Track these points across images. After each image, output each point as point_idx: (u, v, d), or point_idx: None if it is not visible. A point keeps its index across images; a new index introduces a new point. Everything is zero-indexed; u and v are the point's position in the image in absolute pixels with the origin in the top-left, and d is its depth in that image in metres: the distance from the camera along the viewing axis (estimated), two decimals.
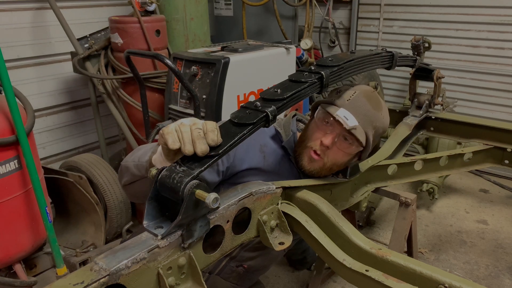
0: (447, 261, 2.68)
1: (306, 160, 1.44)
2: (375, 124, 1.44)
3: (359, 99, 1.41)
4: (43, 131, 2.97)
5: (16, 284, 1.94)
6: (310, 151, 1.42)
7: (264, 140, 1.53)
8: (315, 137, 1.42)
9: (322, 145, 1.40)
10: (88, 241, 2.50)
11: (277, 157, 1.52)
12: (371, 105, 1.42)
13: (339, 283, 2.48)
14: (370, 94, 1.45)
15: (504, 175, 3.75)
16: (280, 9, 3.42)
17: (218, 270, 1.65)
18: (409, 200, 1.76)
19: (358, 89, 1.45)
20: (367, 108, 1.41)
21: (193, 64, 2.28)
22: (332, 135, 1.39)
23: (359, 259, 1.13)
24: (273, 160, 1.50)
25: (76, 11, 2.96)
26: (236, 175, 1.44)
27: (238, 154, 1.42)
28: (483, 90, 3.72)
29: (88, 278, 0.81)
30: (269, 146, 1.52)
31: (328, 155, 1.42)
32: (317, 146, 1.41)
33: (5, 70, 1.77)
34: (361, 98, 1.42)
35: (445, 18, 3.74)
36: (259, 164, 1.46)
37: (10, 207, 1.93)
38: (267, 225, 1.20)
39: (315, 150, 1.41)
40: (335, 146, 1.40)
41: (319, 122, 1.44)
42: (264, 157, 1.48)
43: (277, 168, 1.50)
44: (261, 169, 1.46)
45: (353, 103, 1.40)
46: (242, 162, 1.43)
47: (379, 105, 1.46)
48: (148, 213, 0.97)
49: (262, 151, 1.49)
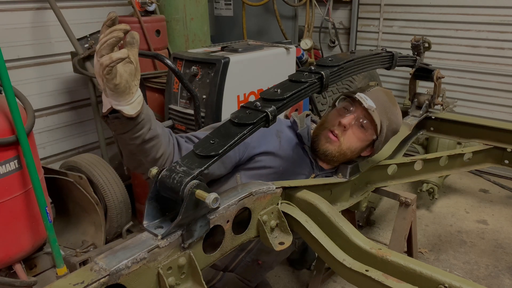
0: (447, 261, 2.68)
1: (323, 140, 1.53)
2: (389, 116, 1.55)
3: (377, 91, 1.57)
4: (43, 131, 2.97)
5: (16, 284, 1.94)
6: (328, 132, 1.52)
7: (281, 127, 1.62)
8: (334, 120, 1.54)
9: (340, 124, 1.49)
10: (88, 241, 2.50)
11: (292, 144, 1.60)
12: (388, 99, 1.57)
13: (339, 283, 2.48)
14: (388, 91, 1.63)
15: (504, 175, 3.75)
16: (280, 9, 3.42)
17: (234, 265, 1.67)
18: (409, 200, 1.76)
19: (378, 87, 1.62)
20: (385, 99, 1.55)
21: (193, 64, 2.28)
22: (351, 116, 1.50)
23: (359, 259, 1.13)
24: (287, 146, 1.57)
25: (76, 11, 2.96)
26: (252, 159, 1.50)
27: (255, 138, 1.49)
28: (483, 90, 3.72)
29: (88, 278, 0.81)
30: (285, 133, 1.61)
31: (344, 137, 1.50)
32: (335, 127, 1.51)
33: (5, 70, 1.77)
34: (380, 91, 1.58)
35: (445, 18, 3.74)
36: (274, 149, 1.53)
37: (10, 207, 1.93)
38: (267, 225, 1.20)
39: (333, 131, 1.51)
40: (351, 129, 1.50)
41: (339, 109, 1.56)
42: (279, 142, 1.56)
43: (291, 155, 1.57)
44: (276, 153, 1.53)
45: (372, 93, 1.54)
46: (259, 145, 1.50)
47: (395, 102, 1.61)
48: (148, 213, 0.97)
49: (278, 136, 1.57)
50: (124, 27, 0.97)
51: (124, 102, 1.05)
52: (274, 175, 1.51)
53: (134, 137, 1.15)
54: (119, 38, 0.96)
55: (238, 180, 1.50)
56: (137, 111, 1.08)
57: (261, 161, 1.50)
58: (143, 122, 1.13)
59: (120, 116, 1.08)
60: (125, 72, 1.01)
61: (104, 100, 1.08)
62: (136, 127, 1.12)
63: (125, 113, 1.06)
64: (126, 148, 1.21)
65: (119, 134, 1.15)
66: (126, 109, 1.06)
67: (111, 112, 1.09)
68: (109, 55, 0.95)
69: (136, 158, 1.23)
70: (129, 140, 1.16)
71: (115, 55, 0.95)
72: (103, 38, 0.96)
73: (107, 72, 0.96)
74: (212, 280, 1.67)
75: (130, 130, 1.12)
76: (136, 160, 1.24)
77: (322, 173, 1.62)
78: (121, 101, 1.05)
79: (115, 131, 1.15)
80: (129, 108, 1.06)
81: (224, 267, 1.67)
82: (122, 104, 1.05)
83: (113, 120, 1.11)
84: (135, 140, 1.15)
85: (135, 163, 1.26)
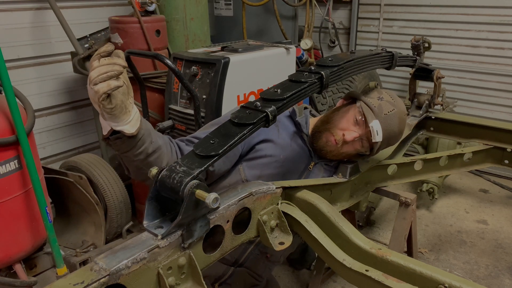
0: (447, 261, 2.68)
1: (323, 140, 1.56)
2: (390, 143, 1.63)
3: (393, 118, 1.55)
4: (43, 131, 2.97)
5: (16, 284, 1.94)
6: (331, 136, 1.54)
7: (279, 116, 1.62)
8: (341, 126, 1.55)
9: (344, 139, 1.53)
10: (88, 241, 2.50)
11: (290, 133, 1.63)
12: (398, 128, 1.58)
13: (339, 283, 2.48)
14: (403, 117, 1.60)
15: (504, 175, 3.75)
16: (280, 9, 3.42)
17: (244, 259, 1.68)
18: (409, 200, 1.76)
19: (397, 106, 1.57)
20: (395, 130, 1.56)
21: (193, 64, 2.28)
22: (355, 135, 1.52)
23: (359, 259, 1.13)
24: (286, 134, 1.60)
25: (76, 11, 2.96)
26: (253, 149, 1.54)
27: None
28: (483, 90, 3.72)
29: (88, 278, 0.81)
30: (283, 121, 1.64)
31: (342, 146, 1.55)
32: (338, 137, 1.54)
33: (5, 70, 1.77)
34: (395, 119, 1.55)
35: (445, 18, 3.75)
36: (273, 137, 1.56)
37: (10, 207, 1.93)
38: (267, 225, 1.20)
39: (336, 139, 1.54)
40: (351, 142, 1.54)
41: (349, 115, 1.56)
42: (278, 130, 1.59)
43: (290, 143, 1.60)
44: (275, 141, 1.56)
45: (387, 120, 1.53)
46: (258, 134, 1.53)
47: (403, 127, 1.62)
48: (148, 213, 0.97)
49: (276, 125, 1.60)
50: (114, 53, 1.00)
51: (123, 122, 1.08)
52: (275, 163, 1.53)
53: (138, 153, 1.18)
54: (120, 73, 0.99)
55: (241, 172, 1.52)
56: (136, 128, 1.12)
57: (262, 149, 1.53)
58: (144, 137, 1.17)
59: (122, 136, 1.12)
60: (119, 93, 1.03)
61: (103, 123, 1.11)
62: (138, 143, 1.16)
63: (126, 133, 1.10)
64: (132, 165, 1.24)
65: (123, 153, 1.19)
66: (126, 128, 1.09)
67: (112, 133, 1.13)
68: (106, 82, 0.98)
69: (143, 172, 1.25)
70: (134, 157, 1.19)
71: (113, 83, 0.98)
72: (100, 67, 0.98)
73: (103, 98, 0.99)
74: (223, 276, 1.68)
75: (133, 147, 1.16)
76: (143, 174, 1.27)
77: (321, 161, 1.64)
78: (119, 122, 1.08)
79: (118, 151, 1.18)
80: (128, 127, 1.10)
81: (234, 261, 1.68)
82: (121, 124, 1.08)
83: (115, 140, 1.14)
84: (139, 155, 1.19)
85: (142, 176, 1.29)
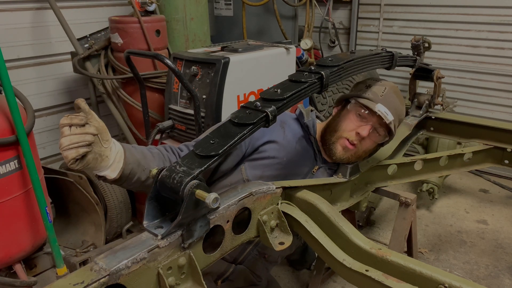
0: (447, 261, 2.68)
1: (340, 149, 1.54)
2: (401, 117, 1.62)
3: (390, 94, 1.56)
4: (43, 131, 2.97)
5: (16, 284, 1.94)
6: (345, 141, 1.53)
7: (285, 118, 1.64)
8: (350, 128, 1.54)
9: (359, 135, 1.51)
10: (88, 241, 2.50)
11: (296, 135, 1.62)
12: (399, 101, 1.58)
13: (339, 283, 2.48)
14: (397, 90, 1.61)
15: (504, 175, 3.74)
16: (280, 9, 3.42)
17: (242, 258, 1.69)
18: (409, 200, 1.76)
19: (386, 84, 1.59)
20: (397, 103, 1.56)
21: (193, 64, 2.28)
22: (368, 127, 1.51)
23: (359, 259, 1.13)
24: (292, 136, 1.60)
25: (76, 11, 2.96)
26: (257, 150, 1.53)
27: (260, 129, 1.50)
28: (483, 90, 3.72)
29: (88, 278, 0.81)
30: (289, 124, 1.63)
31: (362, 144, 1.54)
32: (353, 137, 1.52)
33: (5, 70, 1.77)
34: (391, 94, 1.56)
35: (445, 18, 3.74)
36: (278, 138, 1.55)
37: (10, 207, 1.93)
38: (267, 225, 1.20)
39: (351, 141, 1.52)
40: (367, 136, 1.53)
41: (352, 114, 1.55)
42: (284, 132, 1.58)
43: (295, 145, 1.59)
44: (280, 143, 1.55)
45: (386, 99, 1.54)
46: (263, 135, 1.52)
47: (402, 99, 1.62)
48: (148, 213, 0.97)
49: (282, 127, 1.59)
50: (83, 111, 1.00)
51: (103, 168, 1.08)
52: (278, 165, 1.53)
53: (132, 183, 1.19)
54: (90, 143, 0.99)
55: (243, 171, 1.52)
56: (119, 170, 1.12)
57: (265, 151, 1.53)
58: (133, 171, 1.17)
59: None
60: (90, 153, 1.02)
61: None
62: (128, 178, 1.16)
63: (108, 178, 1.11)
64: (132, 189, 1.27)
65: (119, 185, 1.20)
66: (108, 173, 1.10)
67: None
68: (75, 149, 0.97)
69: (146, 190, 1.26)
70: (129, 186, 1.21)
71: (82, 150, 0.98)
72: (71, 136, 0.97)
73: (72, 162, 0.99)
74: (225, 273, 1.69)
75: (124, 182, 1.16)
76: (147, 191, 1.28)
77: (325, 165, 1.64)
78: (99, 169, 1.08)
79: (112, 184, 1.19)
80: (109, 172, 1.10)
81: (233, 260, 1.69)
82: (102, 171, 1.09)
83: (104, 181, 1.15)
84: (134, 184, 1.20)
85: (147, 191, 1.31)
